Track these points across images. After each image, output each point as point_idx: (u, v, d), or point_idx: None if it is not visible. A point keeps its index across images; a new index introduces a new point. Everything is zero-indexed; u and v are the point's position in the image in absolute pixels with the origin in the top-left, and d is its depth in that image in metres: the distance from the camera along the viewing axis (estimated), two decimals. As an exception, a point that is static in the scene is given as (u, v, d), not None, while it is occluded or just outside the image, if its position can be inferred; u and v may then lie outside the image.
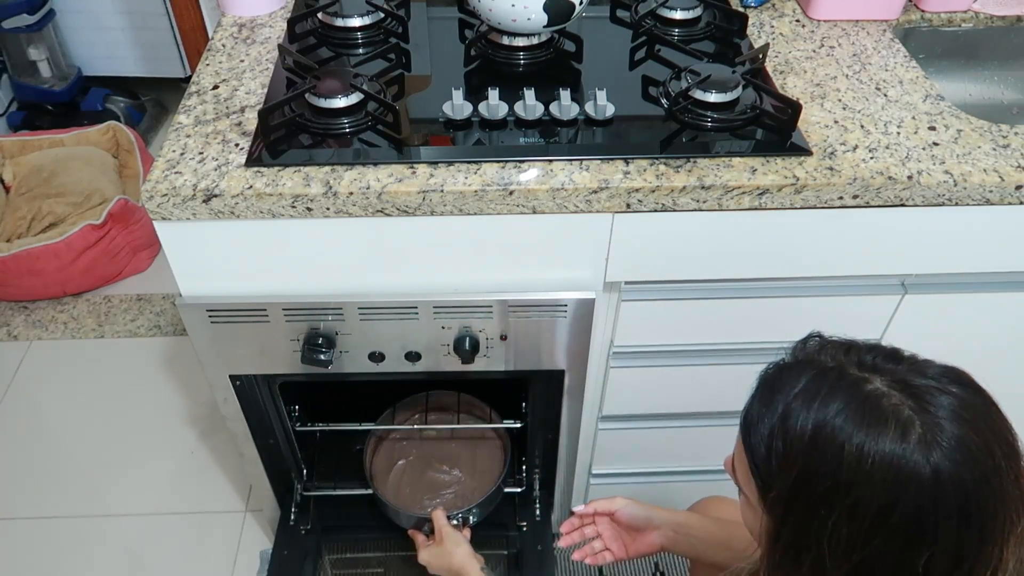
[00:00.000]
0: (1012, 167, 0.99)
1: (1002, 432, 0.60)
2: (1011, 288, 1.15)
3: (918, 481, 0.57)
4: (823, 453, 0.60)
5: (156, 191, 0.94)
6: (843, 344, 0.67)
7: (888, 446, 0.58)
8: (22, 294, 2.09)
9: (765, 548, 0.67)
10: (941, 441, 0.58)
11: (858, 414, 0.60)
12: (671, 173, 0.97)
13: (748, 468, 0.67)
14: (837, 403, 0.61)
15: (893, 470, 0.58)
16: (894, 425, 0.59)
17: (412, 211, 0.97)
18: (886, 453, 0.58)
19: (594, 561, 1.09)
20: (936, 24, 1.31)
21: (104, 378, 1.94)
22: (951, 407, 0.59)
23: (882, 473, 0.58)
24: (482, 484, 1.43)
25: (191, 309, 1.05)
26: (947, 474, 0.57)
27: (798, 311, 1.15)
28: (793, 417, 0.62)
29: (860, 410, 0.60)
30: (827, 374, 0.63)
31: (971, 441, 0.58)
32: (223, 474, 1.75)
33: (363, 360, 1.13)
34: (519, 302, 1.07)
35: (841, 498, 0.59)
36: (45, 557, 1.61)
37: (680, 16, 1.23)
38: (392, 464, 1.47)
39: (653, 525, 1.05)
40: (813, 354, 0.67)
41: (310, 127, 1.02)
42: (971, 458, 0.58)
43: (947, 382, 0.61)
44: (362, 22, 1.21)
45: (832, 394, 0.62)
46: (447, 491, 1.44)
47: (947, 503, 0.58)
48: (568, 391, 1.22)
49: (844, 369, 0.63)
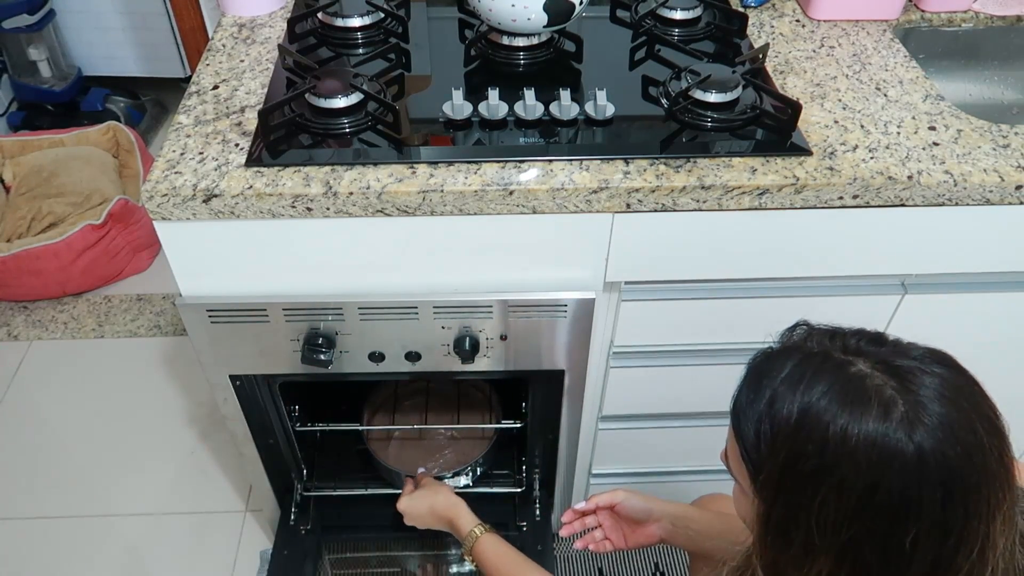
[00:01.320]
0: (1012, 167, 0.99)
1: (985, 411, 0.61)
2: (1011, 288, 1.15)
3: (902, 459, 0.58)
4: (809, 434, 0.61)
5: (156, 191, 0.94)
6: (828, 330, 0.68)
7: (871, 425, 0.59)
8: (22, 294, 2.09)
9: (757, 531, 0.68)
10: (924, 419, 0.59)
11: (842, 395, 0.61)
12: (671, 173, 0.97)
13: (739, 455, 0.68)
14: (821, 385, 0.62)
15: (877, 448, 0.59)
16: (877, 404, 0.60)
17: (412, 211, 0.97)
18: (869, 432, 0.59)
19: (596, 548, 1.10)
20: (936, 24, 1.31)
21: (104, 378, 1.94)
22: (934, 387, 0.60)
23: (866, 452, 0.59)
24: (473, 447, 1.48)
25: (191, 309, 1.05)
26: (930, 451, 0.58)
27: (798, 311, 1.14)
28: (780, 401, 0.64)
29: (844, 391, 0.61)
30: (812, 358, 0.65)
31: (954, 419, 0.59)
32: (223, 474, 1.75)
33: (363, 360, 1.13)
34: (519, 302, 1.07)
35: (827, 477, 0.60)
36: (45, 557, 1.61)
37: (680, 16, 1.23)
38: (390, 435, 1.51)
39: (653, 517, 1.07)
40: (800, 341, 0.68)
41: (310, 127, 1.02)
42: (954, 435, 0.59)
43: (930, 363, 0.62)
44: (362, 22, 1.21)
45: (817, 377, 0.63)
46: (444, 452, 1.48)
47: (931, 480, 0.58)
48: (568, 391, 1.22)
49: (829, 353, 0.65)
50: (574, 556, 1.60)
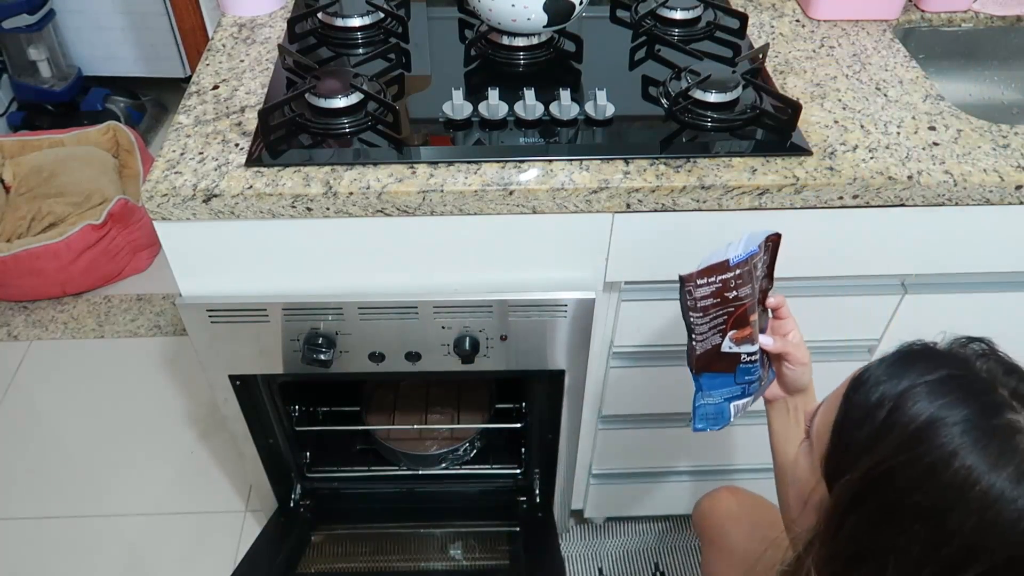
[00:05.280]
0: (1012, 167, 0.99)
1: None
2: (1011, 288, 1.15)
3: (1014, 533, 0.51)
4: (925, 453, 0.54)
5: (156, 191, 0.94)
6: (1007, 364, 0.60)
7: (999, 481, 0.51)
8: (22, 294, 2.09)
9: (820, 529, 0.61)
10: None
11: (982, 435, 0.53)
12: (671, 173, 0.97)
13: (832, 421, 0.61)
14: (966, 412, 0.54)
15: (994, 510, 0.51)
16: (1016, 465, 0.52)
17: (412, 211, 0.97)
18: (995, 487, 0.51)
19: None
20: (936, 24, 1.31)
21: (104, 378, 1.94)
22: None
23: (980, 507, 0.52)
24: None
25: (191, 309, 1.05)
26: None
27: (798, 311, 1.14)
28: (913, 400, 0.56)
29: (987, 432, 0.53)
30: (971, 381, 0.57)
31: None
32: (223, 474, 1.75)
33: (363, 360, 1.13)
34: (519, 302, 1.07)
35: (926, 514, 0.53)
36: (45, 557, 1.61)
37: (680, 16, 1.23)
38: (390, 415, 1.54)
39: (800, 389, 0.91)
40: (970, 355, 0.61)
41: (310, 127, 1.02)
42: None
43: None
44: (362, 22, 1.21)
45: (966, 402, 0.55)
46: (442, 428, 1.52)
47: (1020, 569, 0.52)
48: (568, 391, 1.22)
49: (993, 386, 0.57)
50: (574, 556, 1.60)
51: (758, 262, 0.84)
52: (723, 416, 0.90)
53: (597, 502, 1.53)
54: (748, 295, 0.83)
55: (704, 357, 0.86)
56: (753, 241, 0.83)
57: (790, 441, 0.89)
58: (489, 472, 1.47)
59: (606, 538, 1.64)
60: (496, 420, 1.50)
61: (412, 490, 1.50)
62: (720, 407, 0.89)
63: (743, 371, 0.87)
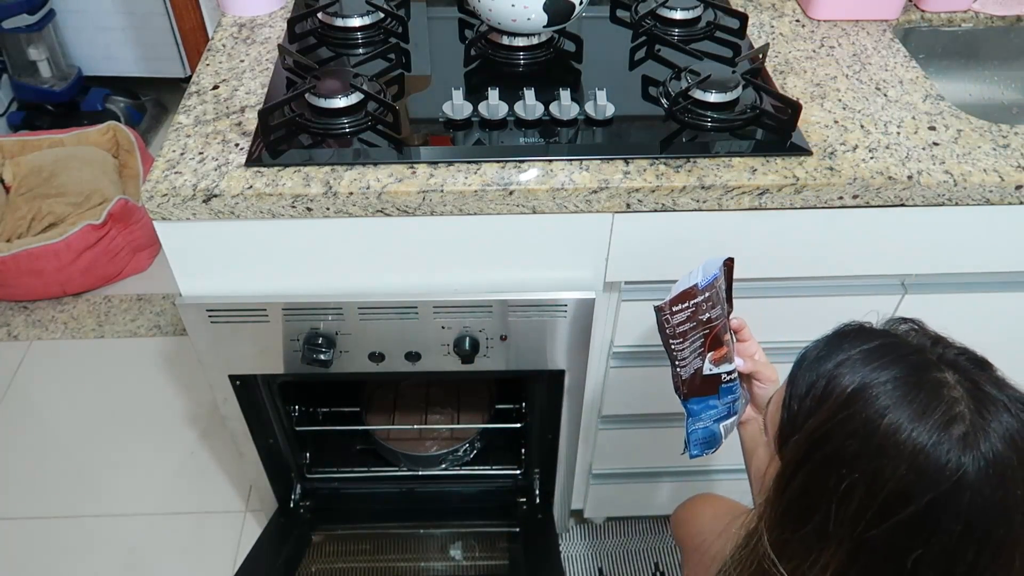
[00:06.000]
0: (1012, 167, 0.99)
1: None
2: (1011, 288, 1.15)
3: (939, 476, 0.55)
4: (859, 412, 0.58)
5: (156, 191, 0.94)
6: (936, 336, 0.65)
7: (926, 431, 0.56)
8: (22, 294, 2.09)
9: (770, 496, 0.65)
10: (981, 448, 0.55)
11: (911, 390, 0.58)
12: (671, 173, 0.97)
13: (782, 401, 0.66)
14: (896, 371, 0.59)
15: (922, 456, 0.56)
16: (941, 414, 0.56)
17: (412, 211, 0.97)
18: (922, 437, 0.56)
19: None
20: (936, 24, 1.31)
21: (104, 378, 1.94)
22: (1008, 428, 0.57)
23: (910, 455, 0.56)
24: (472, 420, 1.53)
25: (191, 309, 1.05)
26: (971, 482, 0.55)
27: (798, 311, 1.15)
28: (847, 367, 0.61)
29: (915, 387, 0.58)
30: (902, 347, 0.62)
31: (1010, 466, 0.56)
32: (223, 474, 1.75)
33: (363, 360, 1.13)
34: (519, 302, 1.07)
35: (862, 465, 0.58)
36: (45, 557, 1.61)
37: (680, 16, 1.23)
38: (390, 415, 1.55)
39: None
40: (902, 332, 0.65)
41: (310, 127, 1.02)
42: (1001, 480, 0.55)
43: (1020, 409, 0.58)
44: (362, 22, 1.21)
45: (896, 363, 0.60)
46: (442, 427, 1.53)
47: (958, 509, 0.56)
48: (568, 391, 1.22)
49: (923, 351, 0.61)
50: (574, 556, 1.60)
51: (720, 286, 0.88)
52: (715, 439, 0.95)
53: (597, 502, 1.53)
54: (719, 316, 0.87)
55: (690, 381, 0.90)
56: (712, 267, 0.87)
57: (760, 446, 0.93)
58: (489, 472, 1.48)
59: (606, 538, 1.64)
60: (496, 420, 1.50)
61: (412, 490, 1.50)
62: (710, 430, 0.94)
63: (725, 391, 0.92)
